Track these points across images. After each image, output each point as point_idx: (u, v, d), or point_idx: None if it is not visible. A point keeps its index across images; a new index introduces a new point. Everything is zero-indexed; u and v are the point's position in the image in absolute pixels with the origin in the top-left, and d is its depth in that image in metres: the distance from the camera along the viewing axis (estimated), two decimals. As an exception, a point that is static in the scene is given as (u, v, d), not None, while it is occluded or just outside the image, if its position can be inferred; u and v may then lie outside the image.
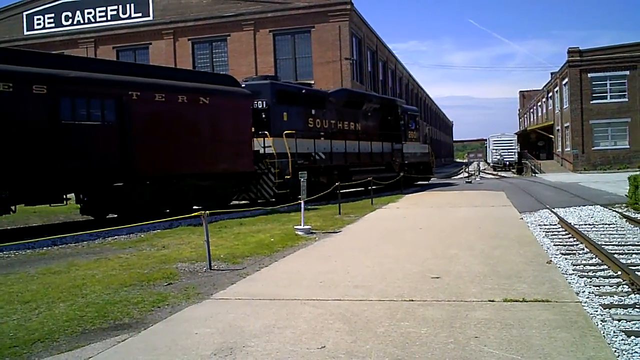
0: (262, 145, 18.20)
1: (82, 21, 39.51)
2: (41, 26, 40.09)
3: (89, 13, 39.42)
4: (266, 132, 18.34)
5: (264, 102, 18.93)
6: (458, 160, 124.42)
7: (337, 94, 23.72)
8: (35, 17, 40.32)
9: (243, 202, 19.05)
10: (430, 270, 7.33)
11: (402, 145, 26.91)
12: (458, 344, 4.45)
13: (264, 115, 18.83)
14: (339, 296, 6.13)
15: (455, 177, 46.60)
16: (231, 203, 17.97)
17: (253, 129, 17.77)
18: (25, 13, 40.56)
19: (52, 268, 8.52)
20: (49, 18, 40.06)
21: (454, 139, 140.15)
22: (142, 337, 5.02)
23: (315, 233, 11.61)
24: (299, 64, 36.92)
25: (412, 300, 5.83)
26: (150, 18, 38.57)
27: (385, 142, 25.71)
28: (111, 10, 39.06)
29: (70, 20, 39.61)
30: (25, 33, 40.18)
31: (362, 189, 24.70)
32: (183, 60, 37.15)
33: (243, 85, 18.47)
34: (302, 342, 4.64)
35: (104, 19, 39.21)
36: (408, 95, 65.30)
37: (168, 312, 5.82)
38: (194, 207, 15.63)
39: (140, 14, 38.66)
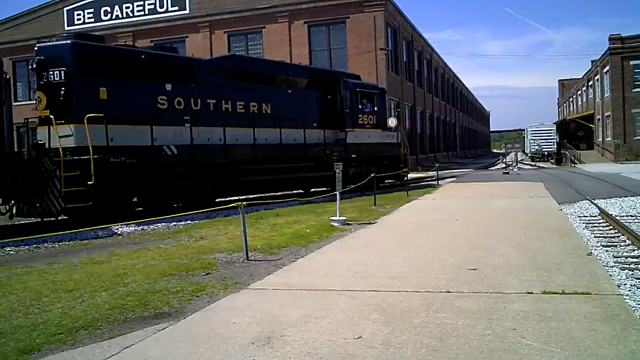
0: (49, 136, 12.81)
1: (120, 15, 40.25)
2: (81, 21, 40.97)
3: (127, 7, 40.13)
4: (52, 117, 12.77)
5: (62, 72, 13.05)
6: (495, 150, 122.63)
7: (220, 62, 17.43)
8: (76, 13, 41.23)
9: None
10: (467, 262, 7.27)
11: (345, 134, 20.29)
12: (496, 335, 4.42)
13: (63, 91, 13.02)
14: (375, 287, 6.13)
15: (492, 168, 45.97)
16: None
17: (48, 112, 12.97)
18: (65, 8, 41.50)
19: (95, 258, 8.74)
20: (88, 13, 40.92)
21: (490, 130, 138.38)
22: (181, 325, 5.11)
23: (350, 224, 11.62)
24: (334, 55, 36.90)
25: (449, 292, 5.80)
26: (187, 11, 39.04)
27: (312, 129, 19.14)
28: (148, 4, 39.67)
29: (109, 15, 40.39)
30: (66, 28, 41.07)
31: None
32: (219, 53, 37.47)
33: (35, 49, 13.61)
34: (338, 332, 4.67)
35: (142, 13, 39.86)
36: (444, 85, 64.61)
37: (206, 301, 5.92)
38: None
39: (177, 8, 39.16)
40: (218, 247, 9.12)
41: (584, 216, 12.73)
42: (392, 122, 34.21)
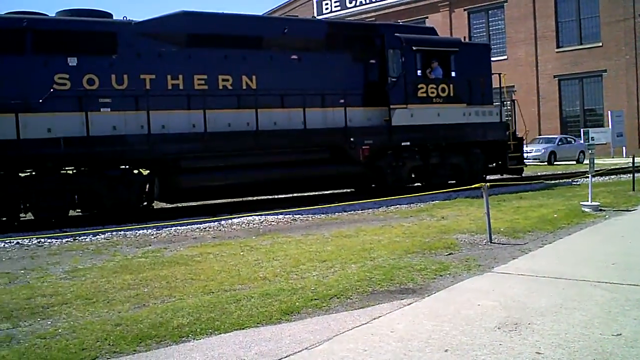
0: None
1: (364, 2, 41.82)
2: (329, 10, 43.57)
3: (371, -7, 41.55)
4: None
5: None
6: None
7: (161, 24, 12.55)
8: (324, 3, 44.00)
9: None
10: None
11: (391, 112, 14.52)
12: None
13: None
14: (637, 281, 5.57)
15: None
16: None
17: None
18: (315, 0, 44.58)
19: (343, 232, 9.38)
20: (335, 2, 43.35)
21: None
22: (425, 302, 5.24)
23: (604, 210, 10.66)
24: (583, 25, 33.79)
25: None
26: (426, -8, 39.08)
27: (326, 109, 13.90)
28: (391, -12, 40.56)
29: (354, 2, 42.24)
30: (315, 17, 44.13)
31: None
32: (459, 32, 36.74)
33: None
34: (593, 326, 4.36)
35: (384, -3, 40.92)
36: None
37: (450, 281, 5.97)
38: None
39: (418, -12, 39.48)
40: (460, 228, 9.10)
41: None
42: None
